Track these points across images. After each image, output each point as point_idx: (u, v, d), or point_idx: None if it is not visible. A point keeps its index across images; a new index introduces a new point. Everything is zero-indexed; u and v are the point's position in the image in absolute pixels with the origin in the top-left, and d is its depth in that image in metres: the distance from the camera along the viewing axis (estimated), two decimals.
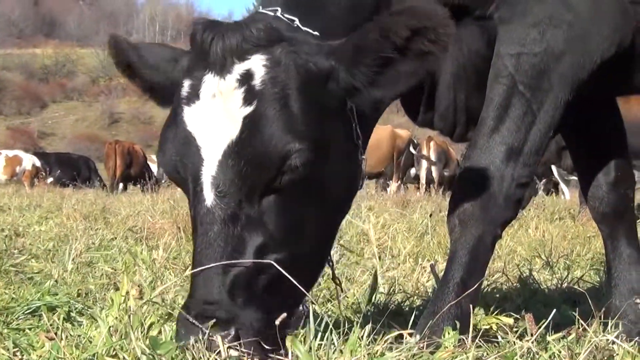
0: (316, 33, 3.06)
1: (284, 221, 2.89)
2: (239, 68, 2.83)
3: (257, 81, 2.81)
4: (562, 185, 25.19)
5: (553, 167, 21.45)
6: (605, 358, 3.18)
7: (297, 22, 3.05)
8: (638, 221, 4.32)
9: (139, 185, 29.25)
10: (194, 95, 2.88)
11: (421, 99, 3.71)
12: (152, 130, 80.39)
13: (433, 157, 27.61)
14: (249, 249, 2.82)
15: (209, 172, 2.80)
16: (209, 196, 2.81)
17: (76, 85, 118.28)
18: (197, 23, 2.95)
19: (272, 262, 2.83)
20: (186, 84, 2.91)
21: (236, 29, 2.88)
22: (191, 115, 2.86)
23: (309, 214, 2.97)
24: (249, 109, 2.78)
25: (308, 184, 2.86)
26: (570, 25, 3.39)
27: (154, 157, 39.15)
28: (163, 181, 30.11)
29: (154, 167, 35.88)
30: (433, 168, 27.54)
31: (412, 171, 29.65)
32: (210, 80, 2.86)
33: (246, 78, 2.82)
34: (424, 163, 27.73)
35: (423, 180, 27.38)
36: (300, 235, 2.96)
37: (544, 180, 25.94)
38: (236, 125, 2.78)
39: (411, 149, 28.74)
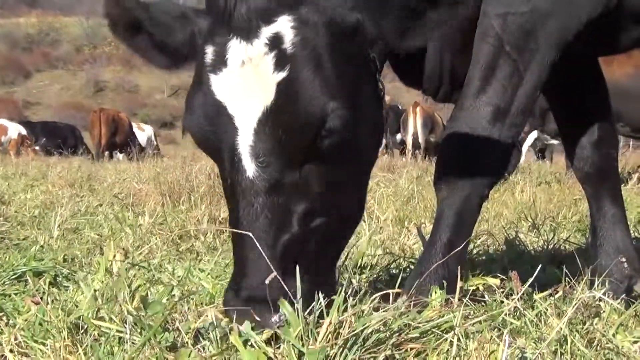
0: None
1: (328, 184, 2.86)
2: (266, 32, 2.75)
3: (287, 44, 2.73)
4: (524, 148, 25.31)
5: (535, 131, 21.50)
6: (592, 315, 3.19)
7: None
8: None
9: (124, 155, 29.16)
10: (220, 63, 2.78)
11: (411, 59, 3.69)
12: (138, 99, 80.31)
13: (419, 123, 27.59)
14: (295, 218, 2.79)
15: (246, 141, 2.74)
16: (249, 167, 2.75)
17: (60, 54, 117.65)
18: None
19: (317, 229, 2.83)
20: (209, 51, 2.82)
21: None
22: (219, 84, 2.78)
23: (349, 172, 2.95)
24: (282, 75, 2.70)
25: (347, 142, 2.80)
26: None
27: (142, 125, 39.23)
28: (150, 151, 30.08)
29: (139, 135, 35.85)
30: (419, 133, 27.53)
31: (398, 136, 29.66)
32: (236, 46, 2.76)
33: (275, 42, 2.73)
34: (410, 128, 27.71)
35: (409, 145, 27.38)
36: (343, 195, 2.94)
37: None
38: (270, 92, 2.70)
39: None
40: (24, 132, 34.04)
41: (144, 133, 37.70)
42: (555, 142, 22.53)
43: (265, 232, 2.75)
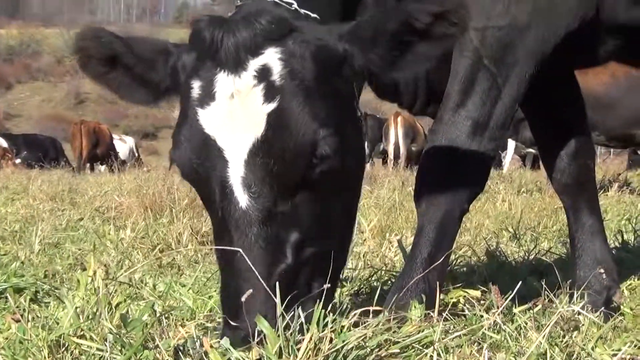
0: (315, 15, 3.03)
1: (320, 213, 2.87)
2: (254, 64, 2.76)
3: (275, 76, 2.74)
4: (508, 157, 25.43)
5: (510, 140, 21.58)
6: (571, 329, 3.20)
7: (295, 5, 2.99)
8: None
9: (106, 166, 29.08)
10: (207, 97, 2.79)
11: None
12: (119, 110, 79.85)
13: (400, 132, 27.65)
14: (290, 247, 2.79)
15: (237, 173, 2.74)
16: (242, 198, 2.75)
17: (41, 66, 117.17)
18: (200, 20, 2.87)
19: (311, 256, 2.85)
20: (196, 85, 2.82)
21: (246, 24, 2.81)
22: (208, 118, 2.78)
23: (339, 200, 2.96)
24: (272, 106, 2.71)
25: (337, 170, 2.81)
26: None
27: (124, 137, 39.14)
28: (131, 162, 30.01)
29: (120, 146, 35.77)
30: (401, 142, 27.58)
31: (381, 146, 29.72)
32: (224, 80, 2.77)
33: (264, 74, 2.75)
34: (392, 138, 27.76)
35: (391, 155, 27.42)
36: (334, 224, 2.96)
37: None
38: (260, 123, 2.71)
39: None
40: (5, 144, 33.90)
41: (125, 144, 37.64)
42: (532, 150, 22.66)
43: (260, 263, 2.74)
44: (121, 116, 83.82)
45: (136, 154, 37.54)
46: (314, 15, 3.03)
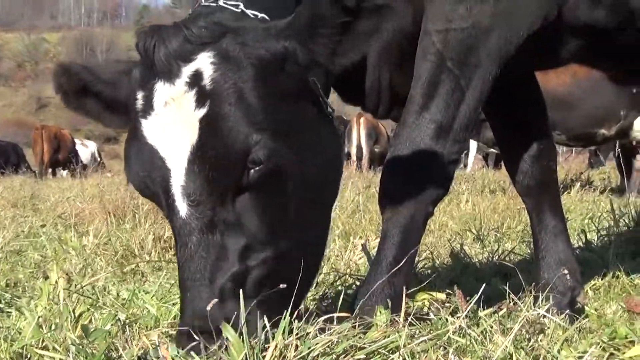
0: (262, 15, 2.99)
1: (266, 218, 2.82)
2: (186, 70, 2.73)
3: (206, 80, 2.71)
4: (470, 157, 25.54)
5: (472, 141, 21.65)
6: (537, 332, 3.21)
7: (241, 6, 2.96)
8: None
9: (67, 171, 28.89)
10: (148, 107, 2.78)
11: (349, 76, 3.69)
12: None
13: (363, 134, 27.68)
14: (232, 254, 2.77)
15: (178, 182, 2.72)
16: (182, 207, 2.73)
17: (2, 71, 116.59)
18: (139, 32, 2.85)
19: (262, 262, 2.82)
20: (139, 96, 2.82)
21: (176, 31, 2.78)
22: (149, 127, 2.76)
23: (292, 204, 2.89)
24: (202, 111, 2.68)
25: (282, 174, 2.78)
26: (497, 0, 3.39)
27: (85, 141, 38.93)
28: (93, 166, 29.85)
29: (82, 151, 35.59)
30: (363, 144, 27.60)
31: (344, 148, 29.73)
32: (160, 89, 2.76)
33: (195, 79, 2.72)
34: (355, 139, 27.77)
35: (354, 156, 27.43)
36: (288, 229, 2.89)
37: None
38: (194, 130, 2.68)
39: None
40: None
41: (87, 149, 37.46)
42: (494, 150, 22.75)
43: (201, 272, 2.73)
44: (83, 121, 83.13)
45: (98, 159, 37.36)
46: (262, 15, 2.99)
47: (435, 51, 3.41)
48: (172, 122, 2.72)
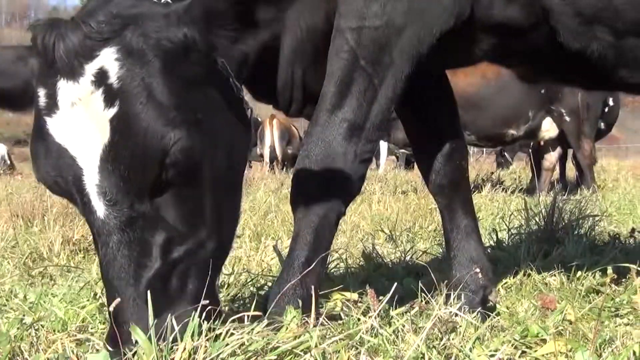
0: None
1: (186, 210, 2.77)
2: (90, 68, 2.63)
3: (113, 78, 2.61)
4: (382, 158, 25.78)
5: (382, 142, 21.79)
6: (449, 330, 3.21)
7: None
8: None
9: None
10: (53, 105, 2.67)
11: (262, 74, 3.65)
12: None
13: (276, 135, 27.72)
14: (155, 249, 2.70)
15: (92, 181, 2.64)
16: (99, 206, 2.65)
17: None
18: (34, 25, 2.74)
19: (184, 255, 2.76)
20: (42, 93, 2.70)
21: (74, 27, 2.66)
22: (56, 127, 2.66)
23: (210, 192, 2.84)
24: (113, 111, 2.58)
25: (197, 166, 2.73)
26: None
27: None
28: (2, 169, 29.43)
29: None
30: (277, 145, 27.64)
31: (257, 149, 29.73)
32: (64, 88, 2.65)
33: (101, 78, 2.62)
34: (267, 141, 27.80)
35: (267, 158, 27.46)
36: (206, 218, 2.84)
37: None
38: (104, 130, 2.59)
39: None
40: None
41: None
42: (404, 151, 22.95)
43: (125, 270, 2.66)
44: None
45: (8, 162, 36.79)
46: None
47: (348, 49, 3.39)
48: (81, 122, 2.63)
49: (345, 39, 3.38)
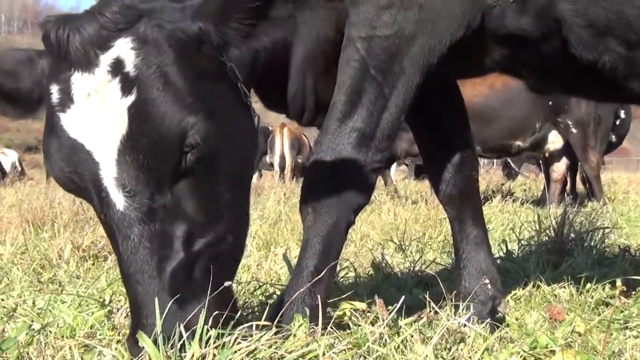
0: None
1: (203, 202, 2.77)
2: (105, 59, 2.64)
3: (129, 67, 2.62)
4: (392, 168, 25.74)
5: None
6: (457, 341, 3.20)
7: None
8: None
9: None
10: (66, 100, 2.67)
11: (273, 82, 3.66)
12: (1, 123, 78.39)
13: (286, 144, 27.72)
14: (176, 242, 2.70)
15: (109, 174, 2.64)
16: (118, 199, 2.65)
17: None
18: (46, 21, 2.74)
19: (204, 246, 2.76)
20: (54, 90, 2.70)
21: (89, 18, 2.68)
22: (70, 122, 2.66)
23: (224, 186, 2.85)
24: (130, 99, 2.59)
25: (214, 156, 2.73)
26: (421, 7, 3.38)
27: (6, 150, 38.40)
28: (13, 175, 29.45)
29: (3, 160, 35.09)
30: (287, 154, 27.64)
31: (267, 158, 29.73)
32: (79, 80, 2.65)
33: (117, 67, 2.63)
34: (277, 149, 27.80)
35: (276, 167, 27.46)
36: (223, 211, 2.85)
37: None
38: (122, 119, 2.59)
39: None
40: None
41: (7, 158, 36.94)
42: (406, 161, 22.94)
43: (148, 263, 2.66)
44: (2, 129, 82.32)
45: (19, 168, 36.86)
46: None
47: (359, 58, 3.39)
48: (97, 114, 2.63)
49: (356, 48, 3.38)
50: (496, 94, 14.00)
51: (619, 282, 4.50)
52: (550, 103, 14.12)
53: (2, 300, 4.34)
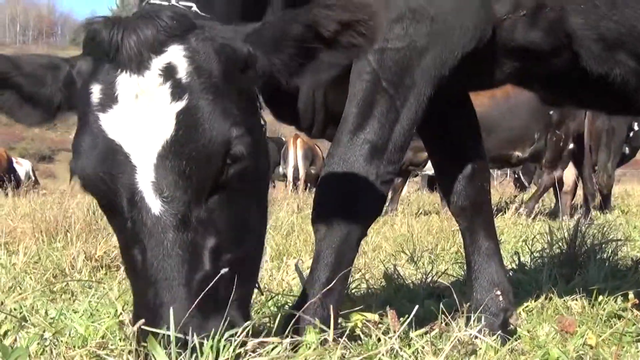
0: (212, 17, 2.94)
1: (235, 216, 2.77)
2: (157, 62, 2.65)
3: (182, 74, 2.64)
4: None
5: None
6: (469, 353, 3.20)
7: (194, 7, 2.92)
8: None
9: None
10: (109, 100, 2.66)
11: (284, 95, 3.67)
12: (15, 133, 78.54)
13: (300, 155, 27.71)
14: (208, 251, 2.68)
15: (147, 178, 2.61)
16: (154, 204, 2.62)
17: None
18: (92, 22, 2.75)
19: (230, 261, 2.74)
20: (95, 90, 2.69)
21: (147, 21, 2.69)
22: (111, 122, 2.65)
23: (252, 202, 2.88)
24: (180, 104, 2.60)
25: (250, 170, 2.73)
26: (433, 20, 3.39)
27: (20, 160, 38.49)
28: (27, 184, 29.48)
29: (17, 170, 35.16)
30: (300, 165, 27.63)
31: (280, 169, 29.71)
32: (127, 81, 2.65)
33: (169, 72, 2.64)
34: (291, 160, 27.80)
35: (290, 177, 27.44)
36: (248, 227, 2.86)
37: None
38: (170, 123, 2.59)
39: None
40: None
41: (22, 167, 37.02)
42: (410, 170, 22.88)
43: (178, 270, 2.63)
44: (17, 139, 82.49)
45: (33, 178, 36.92)
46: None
47: (370, 70, 3.40)
48: (143, 117, 2.63)
49: (368, 60, 3.40)
50: (497, 103, 13.95)
51: (631, 295, 4.48)
52: (551, 113, 14.08)
53: (15, 309, 4.34)
